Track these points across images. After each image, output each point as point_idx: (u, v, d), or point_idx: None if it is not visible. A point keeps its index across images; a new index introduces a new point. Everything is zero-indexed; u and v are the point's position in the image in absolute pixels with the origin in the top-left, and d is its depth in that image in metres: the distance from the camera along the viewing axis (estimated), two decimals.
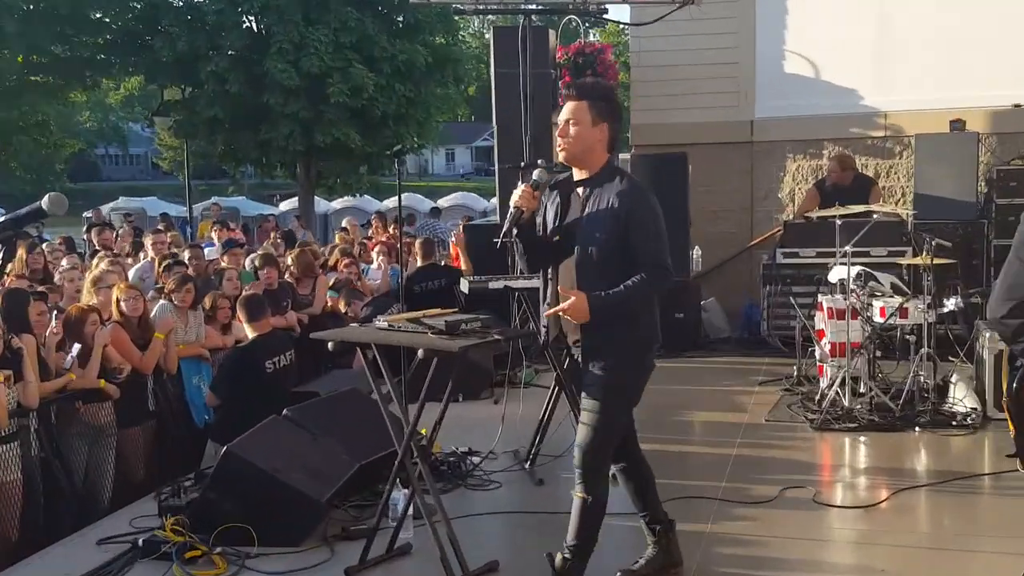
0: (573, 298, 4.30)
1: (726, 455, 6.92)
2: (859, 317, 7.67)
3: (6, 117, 22.92)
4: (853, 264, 7.81)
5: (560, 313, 4.42)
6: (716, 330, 11.26)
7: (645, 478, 4.99)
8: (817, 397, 7.95)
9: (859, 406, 7.56)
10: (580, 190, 4.53)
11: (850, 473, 6.73)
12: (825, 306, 7.96)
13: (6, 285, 7.34)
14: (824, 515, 5.84)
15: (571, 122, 4.44)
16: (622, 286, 4.36)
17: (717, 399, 8.72)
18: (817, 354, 8.16)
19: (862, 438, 7.27)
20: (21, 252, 8.98)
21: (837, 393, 7.66)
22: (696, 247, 10.87)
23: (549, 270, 4.68)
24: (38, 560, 5.47)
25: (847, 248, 7.83)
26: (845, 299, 7.68)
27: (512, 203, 4.51)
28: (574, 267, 4.48)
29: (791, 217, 11.12)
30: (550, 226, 4.61)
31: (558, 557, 4.66)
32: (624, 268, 4.39)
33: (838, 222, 8.35)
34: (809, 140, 11.67)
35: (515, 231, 4.57)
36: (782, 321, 10.09)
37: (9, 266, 7.46)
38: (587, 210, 4.46)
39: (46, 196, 3.78)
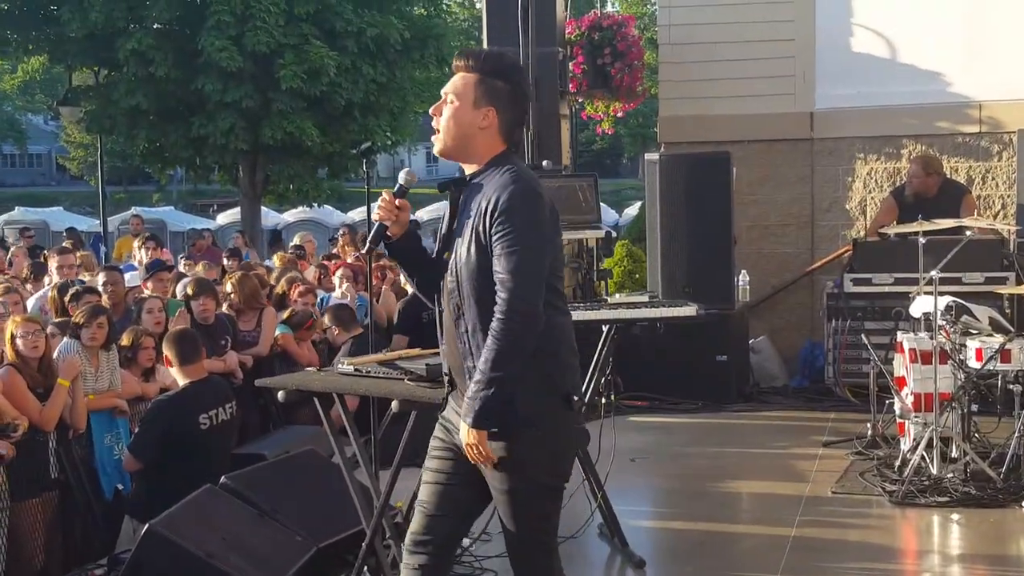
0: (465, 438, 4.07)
1: (783, 536, 6.83)
2: (949, 361, 7.60)
3: None
4: (941, 294, 7.75)
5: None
6: (768, 377, 11.24)
7: None
8: (897, 463, 7.86)
9: (951, 474, 7.46)
10: (463, 191, 4.38)
11: (940, 560, 6.66)
12: (906, 347, 7.90)
13: None
14: None
15: (449, 98, 4.34)
16: (478, 370, 4.06)
17: (771, 465, 8.66)
18: (897, 408, 8.08)
19: (954, 516, 7.17)
20: None
21: (923, 458, 7.55)
22: (742, 271, 10.80)
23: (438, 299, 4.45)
24: None
25: (933, 274, 7.74)
26: (931, 338, 7.61)
27: (373, 216, 4.37)
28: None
29: (862, 234, 11.10)
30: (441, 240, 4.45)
31: None
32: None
33: (921, 240, 8.30)
34: (884, 137, 11.64)
35: (379, 249, 4.45)
36: (852, 366, 10.06)
37: None
38: (460, 218, 4.31)
39: None
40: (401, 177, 4.40)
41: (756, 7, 11.41)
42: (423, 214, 34.12)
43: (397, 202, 4.32)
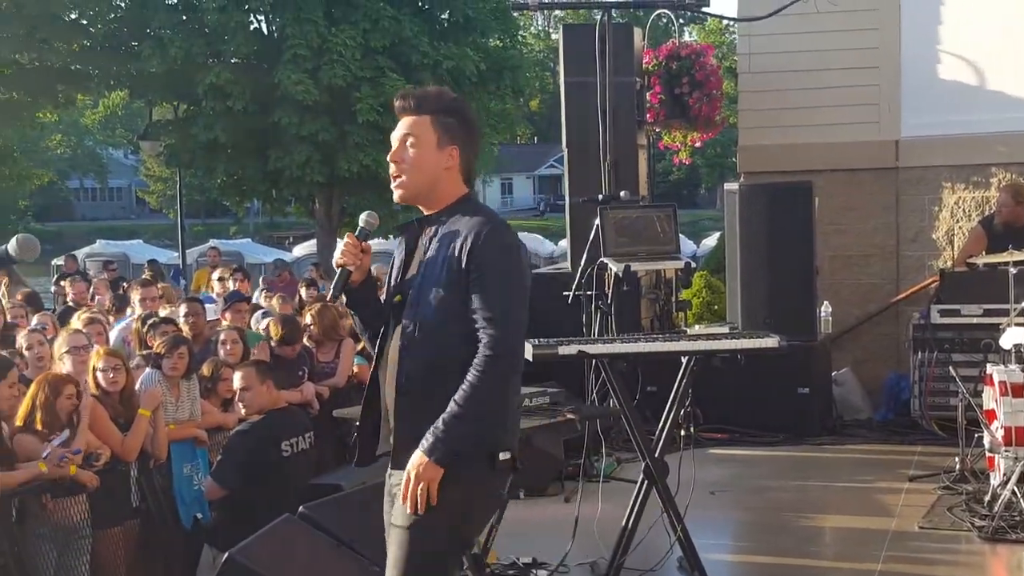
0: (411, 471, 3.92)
1: (868, 572, 6.77)
2: None
3: None
4: None
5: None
6: (852, 410, 11.08)
7: None
8: (987, 498, 7.72)
9: None
10: (424, 234, 4.23)
11: None
12: (996, 380, 7.76)
13: None
14: None
15: (408, 141, 4.16)
16: (454, 402, 3.94)
17: (855, 499, 8.57)
18: (986, 442, 7.95)
19: None
20: None
21: (1014, 493, 7.41)
22: (824, 303, 10.74)
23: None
24: None
25: None
26: (1023, 371, 7.53)
27: (335, 261, 4.26)
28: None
29: (949, 264, 10.96)
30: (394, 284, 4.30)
31: None
32: (470, 347, 4.00)
33: (1012, 271, 8.22)
34: (972, 165, 11.47)
35: (344, 298, 4.31)
36: (939, 399, 9.92)
37: None
38: (424, 261, 4.17)
39: (13, 239, 3.84)
40: (362, 220, 4.35)
41: (839, 35, 11.30)
42: None
43: (362, 245, 4.23)
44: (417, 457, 3.86)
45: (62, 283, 15.57)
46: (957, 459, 8.48)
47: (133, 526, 7.21)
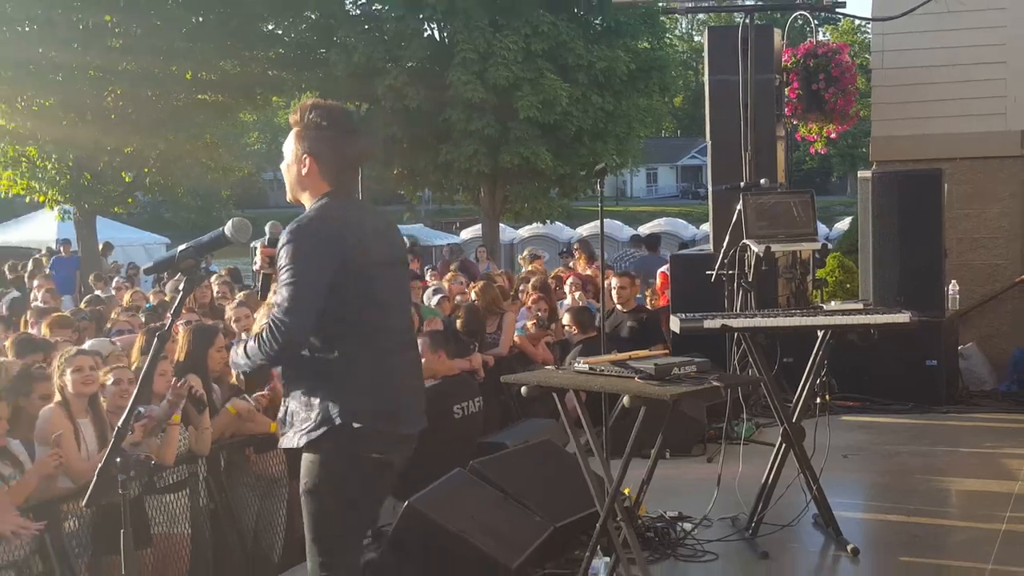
0: None
1: (993, 531, 6.62)
2: None
3: (173, 139, 24.00)
4: None
5: None
6: (978, 381, 10.89)
7: None
8: None
9: None
10: None
11: None
12: None
13: (179, 326, 7.65)
14: None
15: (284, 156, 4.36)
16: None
17: (980, 463, 8.38)
18: None
19: None
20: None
21: None
22: (953, 281, 10.56)
23: None
24: None
25: None
26: None
27: (254, 269, 4.33)
28: None
29: None
30: None
31: None
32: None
33: None
34: None
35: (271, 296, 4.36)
36: None
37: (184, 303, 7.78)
38: None
39: (229, 222, 3.92)
40: (267, 229, 4.34)
41: (968, 32, 11.07)
42: (644, 229, 33.96)
43: (271, 251, 4.25)
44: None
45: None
46: None
47: None
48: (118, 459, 3.34)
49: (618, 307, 10.21)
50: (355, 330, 4.14)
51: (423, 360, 7.88)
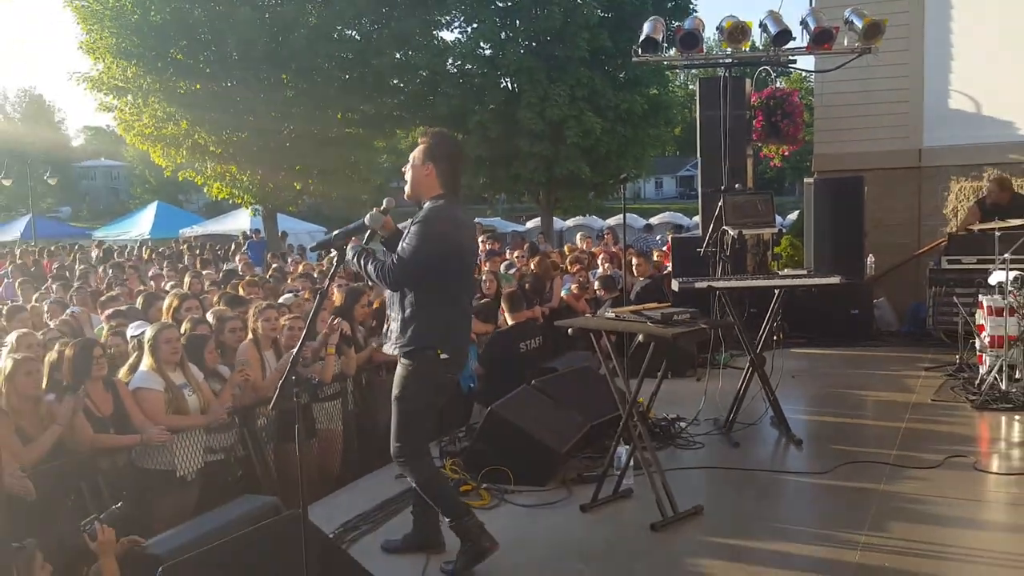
0: None
1: (896, 428, 6.61)
2: (1015, 314, 7.15)
3: (329, 160, 24.36)
4: (1011, 269, 7.32)
5: None
6: (886, 324, 10.79)
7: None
8: (977, 382, 7.45)
9: (1015, 389, 7.07)
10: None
11: (1006, 446, 6.27)
12: (985, 305, 7.44)
13: (334, 285, 7.78)
14: (983, 480, 5.50)
15: (410, 161, 4.32)
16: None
17: (888, 382, 8.29)
18: (977, 345, 7.65)
19: (1017, 416, 6.79)
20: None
21: (995, 378, 7.17)
22: (870, 255, 10.42)
23: None
24: (354, 487, 5.84)
25: (1006, 256, 7.41)
26: (1003, 299, 7.18)
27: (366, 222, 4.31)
28: None
29: (954, 230, 10.45)
30: None
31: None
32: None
33: (997, 234, 7.92)
34: (971, 165, 10.91)
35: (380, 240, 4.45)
36: (945, 318, 9.52)
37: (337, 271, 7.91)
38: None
39: (367, 214, 4.01)
40: (384, 202, 4.35)
41: (881, 79, 10.89)
42: (654, 220, 33.70)
43: (386, 218, 4.31)
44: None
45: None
46: (957, 357, 8.23)
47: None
48: (293, 378, 3.39)
49: (635, 275, 10.26)
50: (444, 288, 4.21)
51: (502, 313, 8.03)
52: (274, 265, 14.43)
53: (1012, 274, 7.26)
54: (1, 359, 4.90)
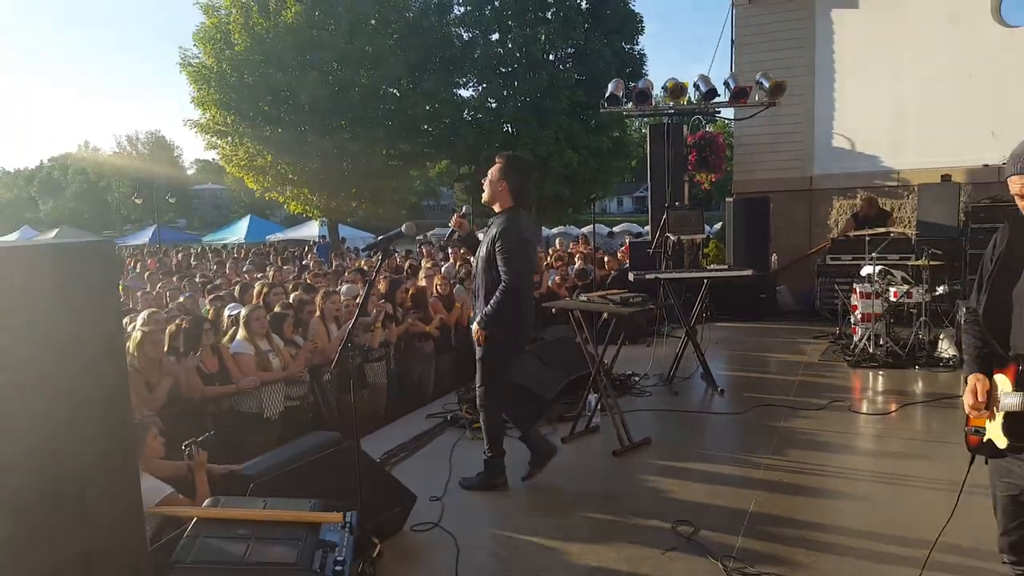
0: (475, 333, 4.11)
1: (792, 380, 6.63)
2: (880, 297, 7.17)
3: (376, 186, 24.38)
4: (877, 264, 7.33)
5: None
6: (787, 304, 10.73)
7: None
8: (852, 347, 7.46)
9: (879, 352, 7.08)
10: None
11: (872, 394, 6.27)
12: (858, 290, 7.45)
13: (381, 279, 7.72)
14: (856, 419, 5.52)
15: (489, 175, 4.11)
16: (488, 307, 4.00)
17: (787, 346, 8.30)
18: (852, 320, 7.66)
19: (881, 373, 6.81)
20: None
21: (865, 344, 7.19)
22: (774, 254, 10.42)
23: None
24: (395, 426, 5.84)
25: (873, 254, 7.42)
26: (871, 286, 7.19)
27: (451, 225, 4.25)
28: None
29: (836, 236, 10.43)
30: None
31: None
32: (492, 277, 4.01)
33: (867, 238, 7.88)
34: (848, 188, 10.84)
35: (455, 240, 4.33)
36: (829, 300, 9.54)
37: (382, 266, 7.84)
38: (484, 238, 4.17)
39: (404, 224, 3.99)
40: (461, 207, 4.29)
41: (782, 125, 10.87)
42: (616, 229, 33.53)
43: (461, 221, 4.23)
44: (475, 326, 4.09)
45: (422, 248, 16.05)
46: (837, 328, 8.24)
47: (453, 354, 7.29)
48: (349, 344, 3.36)
49: (607, 269, 10.24)
50: (517, 279, 4.01)
51: None
52: (336, 263, 14.39)
53: (877, 268, 7.28)
54: (134, 331, 4.90)
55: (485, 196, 4.19)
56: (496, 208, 4.19)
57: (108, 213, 55.39)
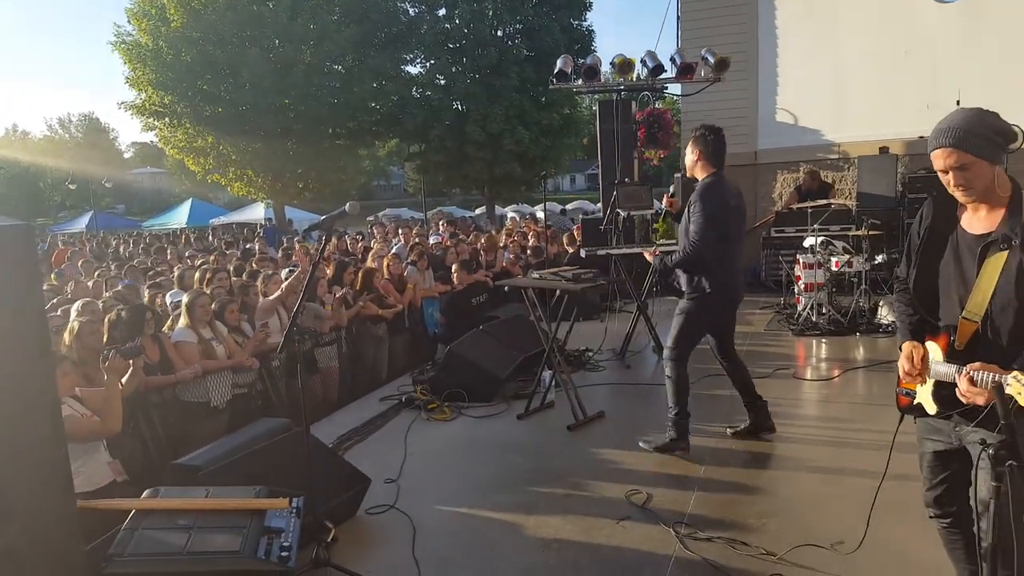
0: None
1: (740, 349, 6.62)
2: (822, 267, 7.36)
3: (323, 166, 23.90)
4: (819, 235, 7.51)
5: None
6: None
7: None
8: (796, 316, 7.67)
9: (822, 321, 7.29)
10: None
11: (815, 361, 6.47)
12: (801, 261, 7.66)
13: (327, 261, 7.61)
14: (800, 385, 5.68)
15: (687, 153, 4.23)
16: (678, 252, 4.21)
17: (737, 317, 8.45)
18: (796, 290, 7.87)
19: (824, 340, 7.01)
20: (333, 240, 9.29)
21: (808, 313, 7.39)
22: None
23: None
24: (348, 409, 5.78)
25: (815, 226, 7.60)
26: (813, 257, 7.38)
27: (663, 205, 4.36)
28: None
29: (780, 209, 10.66)
30: None
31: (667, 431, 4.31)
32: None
33: (809, 211, 8.06)
34: (791, 162, 11.07)
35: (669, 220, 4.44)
36: (774, 271, 9.78)
37: (327, 248, 7.73)
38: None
39: (347, 204, 3.92)
40: (672, 186, 4.42)
41: (728, 100, 11.01)
42: (569, 207, 33.63)
43: (672, 200, 4.57)
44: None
45: (373, 228, 15.86)
46: (782, 299, 8.43)
47: (407, 335, 7.27)
48: (295, 328, 3.32)
49: (567, 248, 10.26)
50: (723, 243, 4.13)
51: (455, 277, 7.95)
52: (285, 246, 14.10)
53: (819, 239, 7.47)
54: (71, 321, 4.71)
55: (687, 170, 4.34)
56: (699, 178, 4.28)
57: (41, 200, 53.04)
